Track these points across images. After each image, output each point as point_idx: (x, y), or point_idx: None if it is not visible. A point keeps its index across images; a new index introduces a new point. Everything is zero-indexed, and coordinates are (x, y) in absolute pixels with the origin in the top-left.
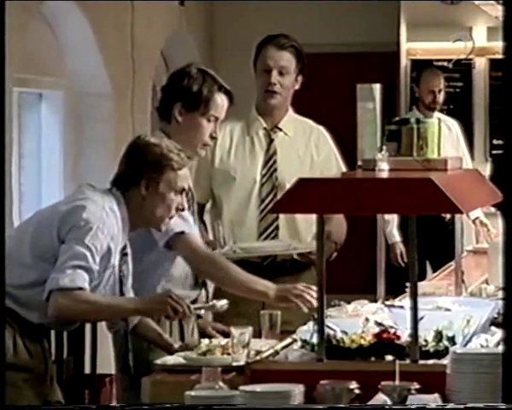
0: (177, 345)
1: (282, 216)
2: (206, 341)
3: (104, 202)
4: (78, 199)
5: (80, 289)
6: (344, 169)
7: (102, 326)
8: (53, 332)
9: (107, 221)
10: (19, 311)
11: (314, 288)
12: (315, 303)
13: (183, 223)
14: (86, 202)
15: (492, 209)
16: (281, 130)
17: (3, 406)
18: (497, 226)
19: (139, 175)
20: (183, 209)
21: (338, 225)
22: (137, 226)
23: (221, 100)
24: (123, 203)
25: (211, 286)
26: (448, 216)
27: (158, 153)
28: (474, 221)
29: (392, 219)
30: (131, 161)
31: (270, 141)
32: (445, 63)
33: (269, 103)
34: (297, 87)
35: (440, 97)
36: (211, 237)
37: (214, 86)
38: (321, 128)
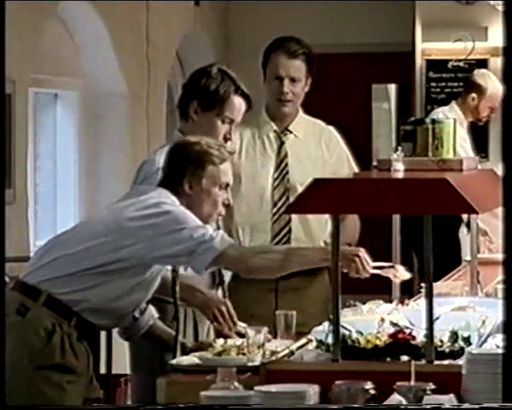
0: (190, 345)
1: (295, 218)
2: (221, 341)
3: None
4: (162, 202)
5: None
6: (356, 169)
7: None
8: None
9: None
10: (80, 312)
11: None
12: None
13: None
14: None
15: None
16: (291, 132)
17: (3, 406)
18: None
19: (181, 174)
20: (228, 205)
21: (351, 225)
22: None
23: (238, 102)
24: None
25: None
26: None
27: (197, 149)
28: None
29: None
30: (173, 161)
31: (281, 143)
32: (461, 63)
33: (281, 111)
34: (307, 89)
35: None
36: None
37: (231, 88)
38: (331, 128)
